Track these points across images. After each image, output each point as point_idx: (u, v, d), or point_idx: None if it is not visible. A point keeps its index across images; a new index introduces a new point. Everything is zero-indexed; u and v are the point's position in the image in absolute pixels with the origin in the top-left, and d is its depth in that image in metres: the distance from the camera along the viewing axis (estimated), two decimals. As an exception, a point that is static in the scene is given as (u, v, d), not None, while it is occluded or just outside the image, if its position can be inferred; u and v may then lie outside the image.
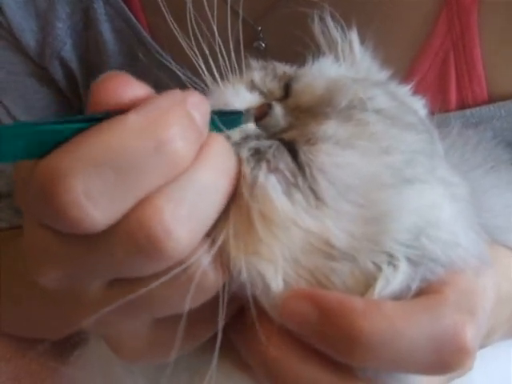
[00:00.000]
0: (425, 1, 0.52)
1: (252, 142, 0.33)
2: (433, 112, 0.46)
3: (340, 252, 0.31)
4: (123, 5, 0.56)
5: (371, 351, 0.29)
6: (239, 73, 0.40)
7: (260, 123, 0.35)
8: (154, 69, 0.30)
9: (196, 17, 0.40)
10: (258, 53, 0.54)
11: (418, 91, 0.44)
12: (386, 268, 0.31)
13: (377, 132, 0.34)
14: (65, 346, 0.42)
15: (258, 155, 0.33)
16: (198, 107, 0.29)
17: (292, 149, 0.33)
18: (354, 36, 0.44)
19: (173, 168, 0.28)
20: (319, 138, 0.33)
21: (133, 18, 0.56)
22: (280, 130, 0.35)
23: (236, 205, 0.31)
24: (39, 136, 0.27)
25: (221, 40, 0.39)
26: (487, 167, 0.45)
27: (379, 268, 0.31)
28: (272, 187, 0.31)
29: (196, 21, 0.40)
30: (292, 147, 0.33)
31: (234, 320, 0.33)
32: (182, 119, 0.28)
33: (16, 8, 0.55)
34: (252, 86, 0.38)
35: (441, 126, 0.41)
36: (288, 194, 0.32)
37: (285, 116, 0.35)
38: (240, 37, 0.42)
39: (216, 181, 0.30)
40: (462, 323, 0.30)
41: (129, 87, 0.29)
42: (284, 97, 0.38)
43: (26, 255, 0.31)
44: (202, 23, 0.40)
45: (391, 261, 0.31)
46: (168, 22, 0.40)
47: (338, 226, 0.31)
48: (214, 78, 0.38)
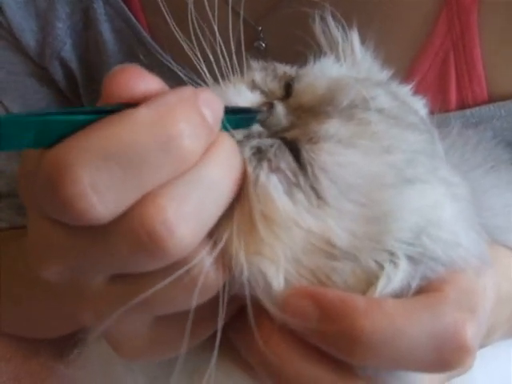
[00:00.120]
0: (425, 1, 0.52)
1: (254, 141, 0.33)
2: (433, 112, 0.46)
3: (341, 251, 0.31)
4: (123, 5, 0.56)
5: (372, 350, 0.29)
6: (240, 73, 0.40)
7: (262, 122, 0.35)
8: (155, 69, 0.30)
9: (196, 17, 0.41)
10: (259, 53, 0.54)
11: (418, 91, 0.44)
12: (388, 266, 0.31)
13: (378, 131, 0.34)
14: (65, 346, 0.42)
15: (260, 154, 0.33)
16: (210, 104, 0.29)
17: (294, 148, 0.33)
18: (355, 36, 0.44)
19: (180, 164, 0.28)
20: (321, 137, 0.33)
21: (133, 18, 0.56)
22: (282, 129, 0.35)
23: (240, 204, 0.31)
24: (49, 125, 0.27)
25: (221, 40, 0.39)
26: (487, 167, 0.45)
27: (381, 266, 0.31)
28: (273, 187, 0.31)
29: (196, 21, 0.40)
30: (294, 146, 0.33)
31: (234, 319, 0.33)
32: (192, 115, 0.28)
33: (16, 8, 0.55)
34: (253, 86, 0.38)
35: (441, 126, 0.41)
36: (289, 194, 0.32)
37: (287, 115, 0.35)
38: (241, 37, 0.42)
39: (222, 179, 0.30)
40: (463, 321, 0.30)
41: (141, 80, 0.29)
42: (285, 96, 0.38)
43: (30, 250, 0.31)
44: (203, 23, 0.40)
45: (392, 259, 0.31)
46: (168, 22, 0.40)
47: (340, 226, 0.31)
48: (215, 78, 0.38)
